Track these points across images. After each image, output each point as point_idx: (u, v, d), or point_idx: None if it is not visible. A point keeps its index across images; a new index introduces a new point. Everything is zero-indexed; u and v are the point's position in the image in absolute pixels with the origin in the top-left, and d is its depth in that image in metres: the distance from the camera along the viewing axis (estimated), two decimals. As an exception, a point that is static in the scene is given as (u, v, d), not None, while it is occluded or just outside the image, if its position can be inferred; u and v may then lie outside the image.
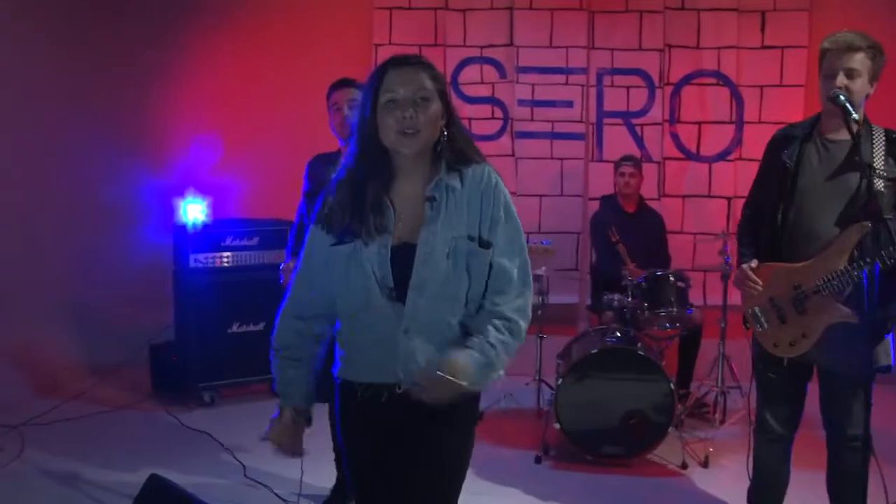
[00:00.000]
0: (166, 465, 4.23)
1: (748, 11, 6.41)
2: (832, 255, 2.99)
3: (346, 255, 2.14)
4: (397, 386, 2.15)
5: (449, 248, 2.11)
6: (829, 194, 3.02)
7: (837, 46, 2.97)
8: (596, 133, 6.58)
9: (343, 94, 3.76)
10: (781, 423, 3.26)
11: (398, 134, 2.09)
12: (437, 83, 2.15)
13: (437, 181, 2.15)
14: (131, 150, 6.25)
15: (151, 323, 5.85)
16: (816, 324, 3.04)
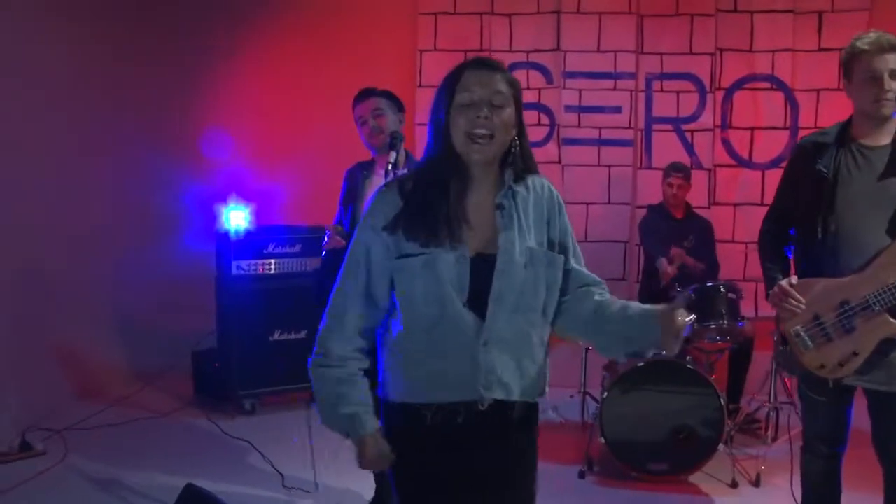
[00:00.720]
0: (205, 472, 4.24)
1: (804, 13, 6.23)
2: (882, 268, 2.82)
3: (419, 267, 2.03)
4: (479, 403, 2.05)
5: (526, 257, 2.06)
6: (874, 203, 2.86)
7: (877, 46, 2.80)
8: (644, 139, 6.44)
9: (367, 106, 3.69)
10: (829, 442, 3.11)
11: (468, 137, 2.02)
12: (513, 89, 2.09)
13: (506, 189, 2.10)
14: (175, 156, 6.29)
15: (194, 329, 5.86)
16: (868, 340, 2.86)
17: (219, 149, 6.40)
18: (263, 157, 6.49)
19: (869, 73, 2.82)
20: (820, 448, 3.12)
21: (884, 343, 2.84)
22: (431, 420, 2.07)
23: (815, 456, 3.14)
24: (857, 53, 2.85)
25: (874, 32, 2.85)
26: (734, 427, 4.94)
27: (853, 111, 2.97)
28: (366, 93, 3.73)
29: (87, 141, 5.78)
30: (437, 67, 6.50)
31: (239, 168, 6.38)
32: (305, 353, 5.45)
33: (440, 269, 2.01)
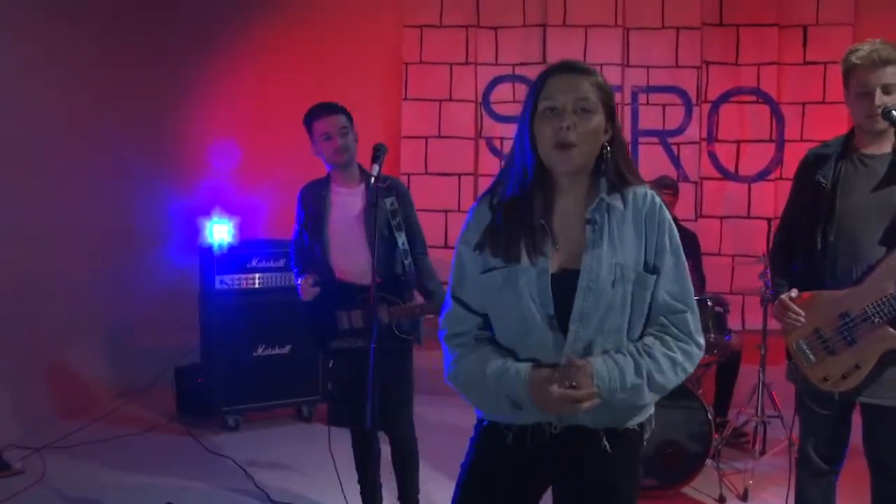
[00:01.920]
0: (188, 490, 4.19)
1: (789, 26, 6.24)
2: (881, 278, 2.80)
3: (500, 282, 1.98)
4: (552, 426, 2.00)
5: (615, 275, 1.95)
6: (873, 212, 2.84)
7: (869, 61, 2.78)
8: (631, 152, 6.42)
9: (332, 123, 3.61)
10: (827, 458, 3.07)
11: (554, 148, 1.93)
12: (603, 93, 1.99)
13: (598, 202, 1.98)
14: (158, 170, 6.25)
15: (177, 345, 5.81)
16: (870, 353, 2.84)
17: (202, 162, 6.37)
18: (247, 171, 6.44)
19: (861, 88, 2.81)
20: (817, 465, 3.08)
21: (886, 355, 2.82)
22: (512, 441, 2.03)
23: (812, 473, 3.10)
24: (851, 68, 2.84)
25: (868, 45, 2.83)
26: (722, 441, 4.90)
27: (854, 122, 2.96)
28: (330, 108, 3.66)
29: (71, 155, 5.71)
30: (422, 80, 6.49)
31: (223, 182, 6.33)
32: (289, 368, 5.43)
33: (520, 284, 1.95)
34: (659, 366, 1.98)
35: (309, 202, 3.74)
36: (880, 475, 2.98)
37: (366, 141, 3.71)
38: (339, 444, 3.79)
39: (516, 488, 2.08)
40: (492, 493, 2.09)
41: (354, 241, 3.60)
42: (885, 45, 2.80)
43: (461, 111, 6.50)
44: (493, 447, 2.08)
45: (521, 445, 2.02)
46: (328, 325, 3.64)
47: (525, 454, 2.03)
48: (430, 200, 6.36)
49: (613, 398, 1.94)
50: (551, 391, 1.89)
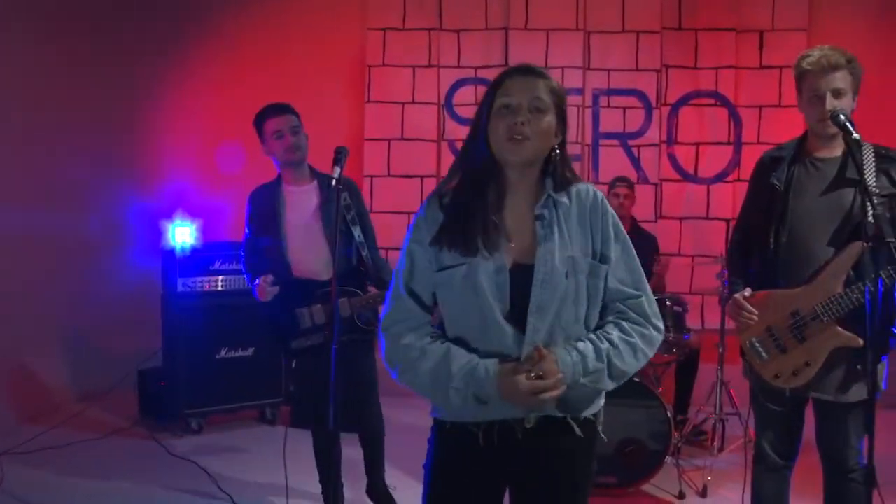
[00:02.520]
0: (150, 495, 4.17)
1: (746, 31, 6.37)
2: (829, 278, 2.88)
3: (459, 279, 2.02)
4: (526, 420, 2.03)
5: (567, 267, 2.01)
6: (822, 214, 2.92)
7: (819, 67, 2.86)
8: (592, 154, 6.51)
9: (285, 121, 3.66)
10: (781, 453, 3.15)
11: (506, 140, 2.00)
12: (556, 97, 2.06)
13: (546, 198, 2.06)
14: (119, 172, 6.19)
15: (139, 348, 5.76)
16: (819, 351, 2.92)
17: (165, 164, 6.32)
18: (210, 173, 6.41)
19: (813, 93, 2.89)
20: (772, 460, 3.16)
21: (835, 353, 2.89)
22: (483, 440, 2.05)
23: (767, 468, 3.18)
24: (803, 73, 2.92)
25: (818, 50, 2.90)
26: (681, 439, 4.99)
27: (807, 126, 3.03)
28: (281, 108, 3.70)
29: (29, 159, 5.65)
30: (385, 82, 6.51)
31: (185, 184, 6.30)
32: (252, 370, 5.42)
33: (479, 279, 1.99)
34: (619, 351, 2.04)
35: (260, 204, 3.76)
36: (832, 469, 3.05)
37: (329, 143, 3.71)
38: (302, 443, 3.80)
39: (487, 486, 2.12)
40: (464, 493, 2.12)
41: (312, 238, 3.65)
42: (835, 51, 2.88)
43: (424, 113, 6.54)
44: (460, 447, 2.10)
45: (490, 443, 2.05)
46: (289, 324, 3.66)
47: (494, 451, 2.06)
48: (392, 202, 6.40)
49: (577, 385, 1.99)
50: (519, 383, 1.93)
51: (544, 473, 2.10)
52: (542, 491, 2.11)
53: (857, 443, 2.95)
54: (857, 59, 2.88)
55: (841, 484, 3.02)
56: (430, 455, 2.16)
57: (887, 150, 2.93)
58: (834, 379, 2.93)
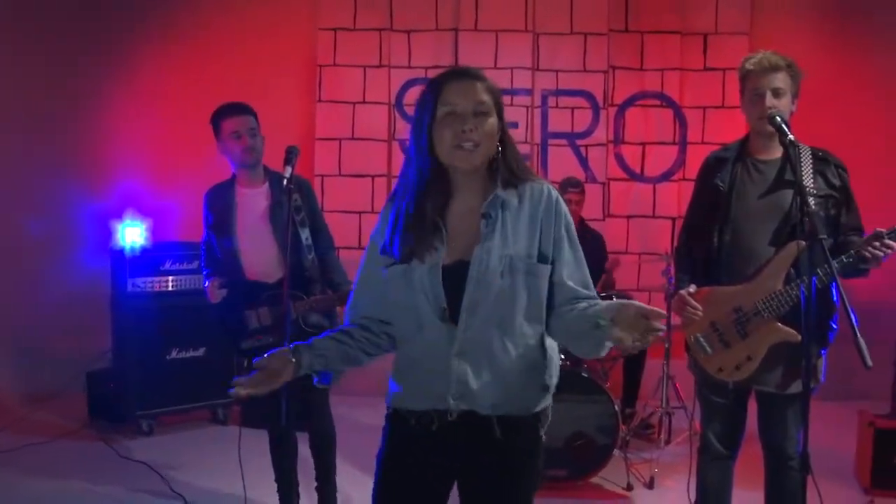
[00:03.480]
0: (101, 497, 4.14)
1: (691, 34, 6.52)
2: (770, 276, 2.99)
3: (399, 277, 2.07)
4: (448, 413, 2.05)
5: (503, 266, 2.02)
6: (763, 214, 3.04)
7: (760, 67, 2.99)
8: (541, 154, 6.60)
9: (243, 122, 3.64)
10: (725, 444, 3.26)
11: (455, 148, 2.01)
12: (495, 96, 2.07)
13: (492, 198, 2.06)
14: (67, 172, 6.12)
15: (88, 349, 5.69)
16: (760, 345, 3.03)
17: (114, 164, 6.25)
18: (160, 173, 6.36)
19: (754, 92, 3.01)
20: (717, 450, 3.26)
21: (776, 347, 3.01)
22: (415, 426, 2.10)
23: (712, 457, 3.29)
24: (745, 73, 3.04)
25: (761, 53, 3.03)
26: (629, 432, 5.10)
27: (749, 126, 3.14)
28: (240, 108, 3.68)
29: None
30: (336, 82, 6.53)
31: (134, 184, 6.24)
32: (204, 371, 5.40)
33: (415, 277, 2.04)
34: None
35: (215, 204, 3.75)
36: (773, 459, 3.17)
37: (280, 143, 3.73)
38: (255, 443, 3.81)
39: (429, 473, 2.14)
40: (408, 479, 2.14)
41: (261, 240, 3.64)
42: (776, 54, 3.01)
43: (375, 113, 6.57)
44: (400, 433, 2.16)
45: (427, 430, 2.09)
46: (238, 325, 3.67)
47: (429, 440, 2.09)
48: (343, 202, 6.41)
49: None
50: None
51: (482, 470, 2.11)
52: (482, 488, 2.13)
53: (795, 433, 3.07)
54: (796, 64, 3.01)
55: (781, 472, 3.14)
56: (381, 443, 2.21)
57: (824, 153, 3.05)
58: (776, 372, 3.04)
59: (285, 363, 2.07)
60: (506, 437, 2.06)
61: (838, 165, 3.03)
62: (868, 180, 5.34)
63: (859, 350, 2.21)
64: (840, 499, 4.22)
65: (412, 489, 2.14)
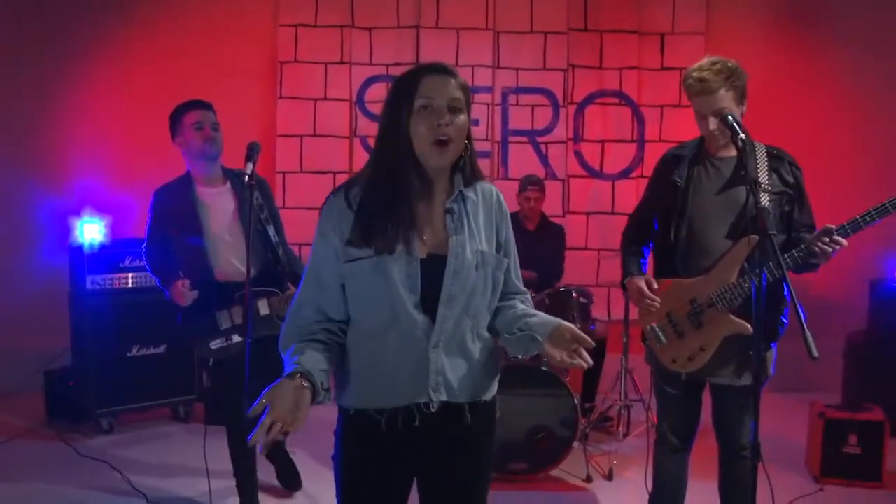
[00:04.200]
0: (61, 496, 4.10)
1: (648, 34, 6.60)
2: (724, 269, 3.08)
3: (368, 270, 2.04)
4: (427, 406, 2.08)
5: (477, 260, 2.09)
6: (719, 210, 3.12)
7: (697, 91, 3.03)
8: (501, 151, 6.66)
9: (205, 115, 3.69)
10: (680, 435, 3.34)
11: (432, 144, 2.02)
12: (466, 95, 2.10)
13: (457, 194, 2.12)
14: (24, 169, 6.04)
15: (46, 348, 5.60)
16: (713, 337, 3.12)
17: (72, 160, 6.18)
18: (118, 170, 6.31)
19: (697, 112, 3.11)
20: (672, 441, 3.35)
21: (728, 339, 3.09)
22: (386, 425, 2.09)
23: (668, 449, 3.38)
24: (687, 89, 3.10)
25: (697, 71, 3.04)
26: (589, 425, 5.18)
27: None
28: (203, 103, 3.74)
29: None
30: (297, 79, 6.52)
31: (93, 181, 6.18)
32: (164, 368, 5.36)
33: (391, 270, 2.02)
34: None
35: (170, 203, 3.72)
36: (727, 450, 3.26)
37: (241, 139, 3.75)
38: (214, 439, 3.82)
39: (395, 472, 2.17)
40: (374, 480, 2.16)
41: (236, 241, 3.64)
42: (714, 70, 3.01)
43: (336, 110, 6.58)
44: (364, 435, 2.13)
45: (393, 429, 2.10)
46: (208, 325, 3.66)
47: (397, 437, 2.10)
48: (305, 198, 6.41)
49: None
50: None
51: (448, 458, 2.18)
52: (446, 476, 2.20)
53: (748, 424, 3.15)
54: (738, 71, 3.04)
55: (733, 463, 3.23)
56: (337, 446, 2.19)
57: (779, 151, 3.14)
58: (728, 364, 3.13)
59: (299, 390, 1.92)
60: (473, 422, 2.15)
61: (792, 163, 3.12)
62: (822, 178, 5.49)
63: (806, 341, 2.29)
64: (791, 487, 4.34)
65: (380, 489, 2.17)
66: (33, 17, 6.24)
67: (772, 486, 2.92)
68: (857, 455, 4.48)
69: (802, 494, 4.29)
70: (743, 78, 3.07)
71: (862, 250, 5.68)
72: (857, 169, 6.19)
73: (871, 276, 5.89)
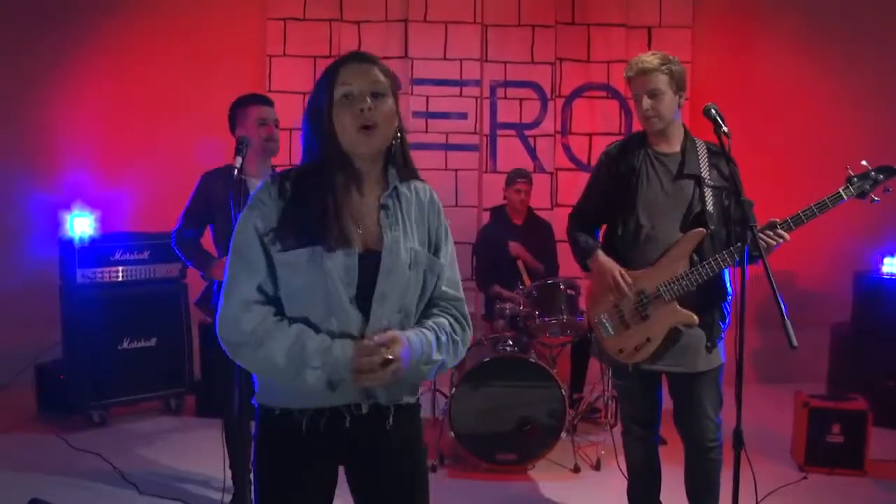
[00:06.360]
0: (54, 489, 4.12)
1: (635, 27, 6.64)
2: (672, 261, 3.15)
3: (304, 260, 1.94)
4: (357, 406, 2.01)
5: (411, 259, 2.03)
6: (667, 203, 3.19)
7: (634, 73, 3.15)
8: (490, 144, 6.69)
9: (269, 111, 3.79)
10: (640, 423, 3.41)
11: (357, 131, 1.97)
12: (389, 80, 2.05)
13: (391, 189, 2.06)
14: (15, 162, 6.05)
15: (37, 342, 5.63)
16: (659, 328, 3.18)
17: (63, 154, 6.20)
18: (108, 163, 6.32)
19: (635, 96, 3.19)
20: (634, 429, 3.42)
21: (674, 330, 3.16)
22: (306, 426, 2.00)
23: (633, 437, 3.46)
24: (627, 79, 3.21)
25: (637, 57, 3.17)
26: (577, 416, 5.24)
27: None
28: (267, 100, 3.86)
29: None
30: (286, 73, 6.53)
31: (83, 174, 6.19)
32: (156, 360, 5.40)
33: (326, 263, 1.93)
34: (449, 347, 2.09)
35: (216, 187, 3.75)
36: (691, 449, 3.32)
37: (229, 133, 3.80)
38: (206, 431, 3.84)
39: (317, 472, 2.08)
40: (294, 482, 2.06)
41: None
42: (650, 56, 3.15)
43: (325, 104, 6.59)
44: (284, 436, 2.04)
45: (315, 430, 2.01)
46: None
47: (319, 438, 2.02)
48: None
49: (415, 370, 2.00)
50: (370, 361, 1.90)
51: (375, 464, 2.10)
52: (376, 477, 2.12)
53: (714, 414, 3.21)
54: (673, 59, 3.14)
55: (701, 462, 3.27)
56: (255, 448, 2.08)
57: (717, 147, 3.19)
58: (676, 351, 3.19)
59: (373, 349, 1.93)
60: (397, 425, 2.07)
61: (729, 159, 3.17)
62: (800, 171, 5.55)
63: (786, 331, 2.34)
64: (776, 475, 4.41)
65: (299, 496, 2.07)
66: (23, 13, 6.23)
67: (754, 475, 2.98)
68: (841, 444, 4.55)
69: (787, 483, 4.35)
70: (681, 68, 3.16)
71: (846, 242, 5.78)
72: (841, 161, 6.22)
73: (855, 267, 5.95)
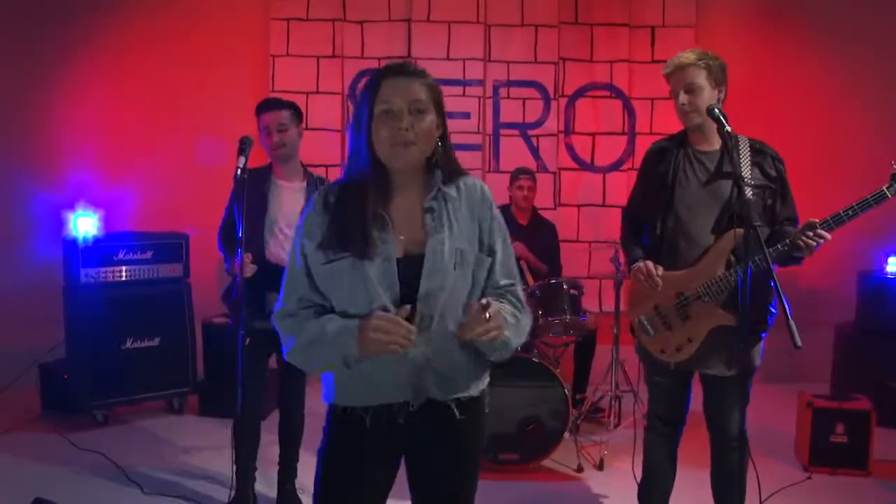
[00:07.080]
0: (58, 488, 4.11)
1: (638, 27, 6.64)
2: (710, 262, 3.13)
3: (347, 269, 2.04)
4: (409, 404, 2.10)
5: (455, 259, 2.07)
6: (705, 203, 3.16)
7: (670, 69, 3.15)
8: (493, 144, 6.69)
9: (273, 118, 3.76)
10: (668, 421, 3.41)
11: (392, 146, 2.02)
12: (433, 93, 2.09)
13: (435, 192, 2.10)
14: (19, 161, 6.05)
15: (40, 341, 5.61)
16: (700, 328, 3.17)
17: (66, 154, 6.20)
18: (112, 163, 6.33)
19: (673, 91, 3.17)
20: (659, 426, 3.42)
21: (714, 331, 3.14)
22: (371, 423, 2.11)
23: (657, 434, 3.45)
24: (666, 76, 3.20)
25: (675, 55, 3.16)
26: (580, 416, 5.24)
27: None
28: (274, 103, 3.82)
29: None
30: (290, 73, 6.54)
31: (87, 174, 6.19)
32: (159, 360, 5.41)
33: (367, 269, 2.01)
34: (515, 327, 2.15)
35: (249, 185, 3.79)
36: (717, 439, 3.33)
37: (233, 133, 3.79)
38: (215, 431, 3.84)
39: (375, 469, 2.19)
40: (355, 474, 2.17)
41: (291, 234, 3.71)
42: (691, 52, 3.15)
43: (328, 104, 6.60)
44: (350, 431, 2.15)
45: (378, 426, 2.12)
46: (256, 304, 3.70)
47: (381, 433, 2.12)
48: (298, 192, 6.43)
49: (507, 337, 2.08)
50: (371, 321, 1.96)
51: (432, 455, 2.19)
52: (432, 472, 2.22)
53: (738, 414, 3.20)
54: (712, 54, 3.13)
55: (723, 452, 3.29)
56: (323, 441, 2.22)
57: (761, 145, 3.19)
58: (715, 354, 3.18)
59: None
60: (462, 418, 2.15)
61: (775, 157, 3.17)
62: (808, 172, 5.54)
63: (790, 331, 2.34)
64: (780, 475, 4.40)
65: (356, 486, 2.18)
66: (27, 13, 6.23)
67: (758, 475, 2.98)
68: (845, 444, 4.54)
69: (791, 483, 4.35)
70: (719, 63, 3.14)
71: (850, 242, 5.76)
72: (844, 163, 6.23)
73: (859, 267, 5.95)
